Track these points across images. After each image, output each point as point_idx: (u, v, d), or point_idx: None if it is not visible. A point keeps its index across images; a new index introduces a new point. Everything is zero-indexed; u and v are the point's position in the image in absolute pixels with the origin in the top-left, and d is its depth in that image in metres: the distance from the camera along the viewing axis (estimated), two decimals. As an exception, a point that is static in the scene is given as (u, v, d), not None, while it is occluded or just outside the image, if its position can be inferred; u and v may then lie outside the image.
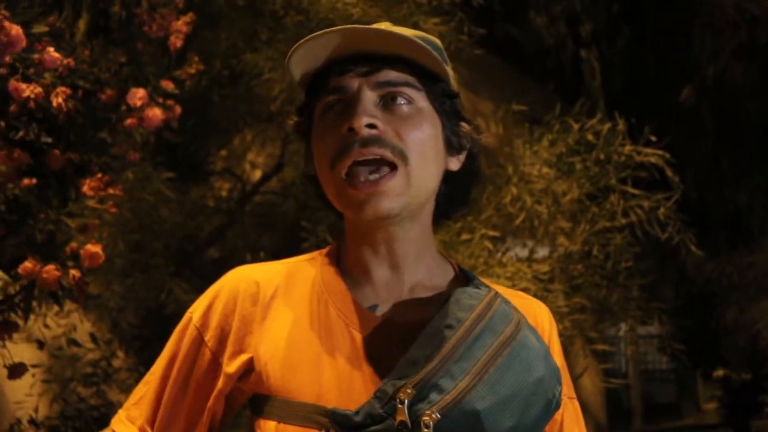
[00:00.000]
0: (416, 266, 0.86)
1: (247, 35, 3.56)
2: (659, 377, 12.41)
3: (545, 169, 3.39)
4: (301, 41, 0.79)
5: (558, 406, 0.81)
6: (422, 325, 0.79)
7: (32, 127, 1.49)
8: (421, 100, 0.83)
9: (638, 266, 3.34)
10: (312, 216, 3.50)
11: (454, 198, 0.89)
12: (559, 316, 2.88)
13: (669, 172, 2.96)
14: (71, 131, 1.78)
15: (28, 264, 1.43)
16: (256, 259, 3.94)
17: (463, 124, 0.88)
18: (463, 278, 0.89)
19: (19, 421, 3.31)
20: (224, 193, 4.51)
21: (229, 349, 0.84)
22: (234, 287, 0.86)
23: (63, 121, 1.69)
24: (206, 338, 0.85)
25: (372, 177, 0.79)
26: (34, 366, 3.43)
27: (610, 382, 3.56)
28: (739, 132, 6.30)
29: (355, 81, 0.81)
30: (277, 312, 0.84)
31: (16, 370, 1.70)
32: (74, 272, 1.46)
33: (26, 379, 3.50)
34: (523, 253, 3.45)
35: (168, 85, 1.95)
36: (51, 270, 1.41)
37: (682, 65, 6.31)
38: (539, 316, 0.90)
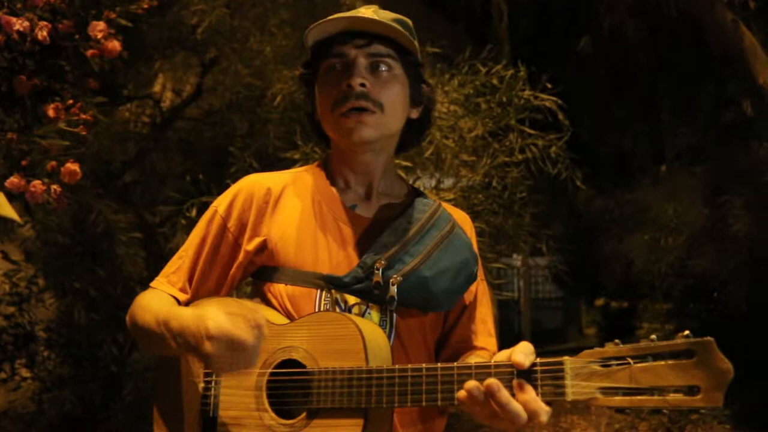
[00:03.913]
0: (382, 181, 1.22)
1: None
2: (548, 305, 13.42)
3: (453, 107, 3.72)
4: (320, 21, 1.14)
5: (475, 278, 1.22)
6: (388, 221, 1.17)
7: (12, 57, 1.66)
8: (397, 68, 1.18)
9: (531, 198, 3.76)
10: (239, 143, 3.71)
11: (411, 137, 1.27)
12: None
13: (561, 116, 3.37)
14: (31, 58, 1.95)
15: (14, 179, 1.64)
16: (177, 182, 4.11)
17: (424, 85, 1.24)
18: (414, 192, 1.28)
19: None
20: (146, 119, 4.58)
21: (247, 234, 1.17)
22: (250, 188, 1.19)
23: (27, 49, 1.86)
24: (229, 225, 1.18)
25: (359, 114, 1.13)
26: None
27: (502, 295, 4.02)
28: (628, 82, 6.85)
29: (353, 50, 1.15)
30: (284, 207, 1.18)
31: None
32: (55, 187, 1.68)
33: None
34: (431, 183, 3.81)
35: (122, 21, 2.12)
36: (38, 185, 1.63)
37: (582, 16, 6.74)
38: (466, 223, 1.29)
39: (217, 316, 0.95)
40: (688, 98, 6.86)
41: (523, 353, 0.91)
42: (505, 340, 1.09)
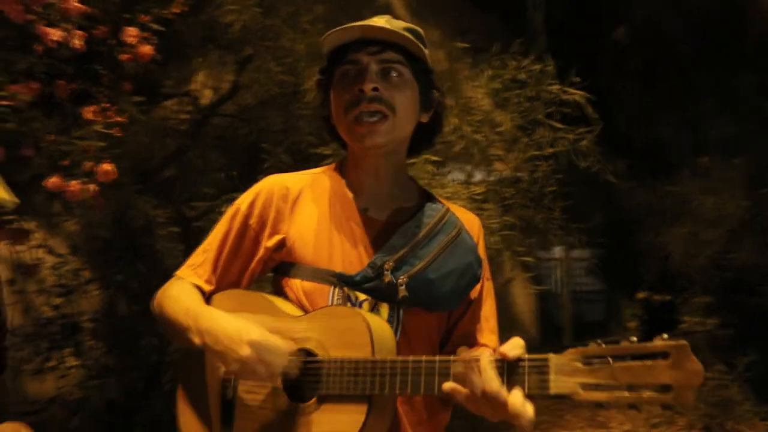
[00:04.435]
0: (394, 185, 1.29)
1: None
2: (589, 298, 13.28)
3: (484, 101, 3.74)
4: (336, 29, 1.21)
5: (478, 280, 1.28)
6: (399, 225, 1.24)
7: (54, 63, 1.76)
8: (407, 74, 1.23)
9: (562, 191, 3.77)
10: (272, 139, 3.79)
11: (423, 141, 1.33)
12: (489, 231, 3.30)
13: (590, 110, 3.36)
14: (69, 64, 2.05)
15: (55, 179, 1.74)
16: (214, 178, 4.22)
17: (434, 91, 1.30)
18: (425, 195, 1.34)
19: (-8, 332, 3.62)
20: (184, 116, 4.69)
21: (267, 231, 1.26)
22: (271, 189, 1.27)
23: (65, 56, 1.96)
24: (251, 222, 1.27)
25: (371, 119, 1.19)
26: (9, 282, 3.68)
27: (537, 289, 4.04)
28: (666, 72, 6.74)
29: (366, 57, 1.22)
30: (302, 208, 1.26)
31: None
32: (92, 186, 1.78)
33: None
34: (462, 176, 3.84)
35: (154, 25, 2.21)
36: (75, 184, 1.73)
37: (617, 6, 6.66)
38: (474, 225, 1.35)
39: (259, 329, 1.09)
40: (727, 87, 6.73)
41: (510, 346, 0.98)
42: (546, 334, 1.14)
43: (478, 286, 1.29)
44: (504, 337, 1.09)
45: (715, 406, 5.10)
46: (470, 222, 1.33)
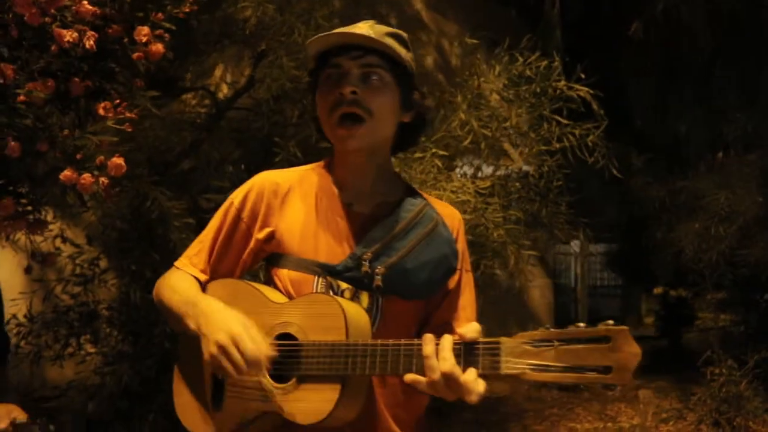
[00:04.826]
0: (378, 181, 1.37)
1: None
2: (606, 293, 13.25)
3: (493, 97, 3.80)
4: (320, 35, 1.30)
5: (454, 271, 1.36)
6: (379, 218, 1.33)
7: (68, 62, 1.86)
8: (388, 77, 1.31)
9: (569, 186, 3.82)
10: (283, 132, 3.88)
11: (406, 138, 1.41)
12: (494, 225, 3.37)
13: (595, 106, 3.41)
14: (84, 62, 2.15)
15: (68, 172, 1.84)
16: (228, 171, 4.31)
17: (416, 92, 1.38)
18: (409, 191, 1.42)
19: (14, 316, 3.69)
20: (201, 110, 4.80)
21: (258, 224, 1.35)
22: (262, 185, 1.36)
23: (80, 54, 2.06)
24: (243, 216, 1.36)
25: (350, 123, 1.28)
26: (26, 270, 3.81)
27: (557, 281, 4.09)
28: (682, 67, 6.72)
29: (347, 62, 1.30)
30: (291, 202, 1.35)
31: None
32: (103, 179, 1.88)
33: (20, 279, 3.85)
34: (470, 170, 3.91)
35: (165, 24, 2.30)
36: (87, 178, 1.83)
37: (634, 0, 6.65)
38: (454, 219, 1.43)
39: (240, 323, 1.18)
40: (747, 83, 6.69)
41: (466, 329, 1.08)
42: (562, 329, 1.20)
43: (456, 277, 1.36)
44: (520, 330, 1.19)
45: (725, 402, 5.10)
46: (450, 216, 1.41)
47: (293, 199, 1.35)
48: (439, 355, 1.07)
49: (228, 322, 1.18)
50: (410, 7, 7.11)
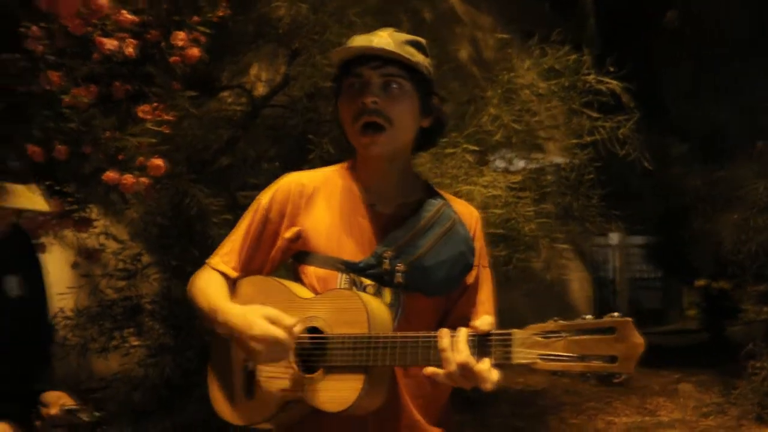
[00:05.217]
0: (399, 183, 1.44)
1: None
2: (647, 285, 13.05)
3: (524, 91, 3.81)
4: (344, 46, 1.38)
5: (471, 268, 1.42)
6: (401, 219, 1.40)
7: (111, 68, 1.96)
8: (407, 85, 1.38)
9: (600, 179, 3.82)
10: (318, 130, 3.95)
11: (426, 141, 1.47)
12: (525, 219, 3.40)
13: (625, 98, 3.41)
14: (125, 66, 2.25)
15: (110, 173, 1.95)
16: (264, 168, 4.38)
17: (435, 97, 1.44)
18: (428, 191, 1.48)
19: (62, 310, 3.84)
20: (237, 108, 4.89)
21: (285, 223, 1.42)
22: (288, 185, 1.44)
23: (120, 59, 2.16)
24: (270, 215, 1.43)
25: (372, 132, 1.34)
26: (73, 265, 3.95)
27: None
28: (718, 55, 6.60)
29: (368, 71, 1.36)
30: (316, 203, 1.42)
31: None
32: (144, 179, 1.97)
33: (67, 274, 3.98)
34: (502, 164, 3.93)
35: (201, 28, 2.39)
36: (129, 178, 1.93)
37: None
38: (471, 217, 1.49)
39: (260, 320, 1.26)
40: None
41: (480, 322, 1.16)
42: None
43: (473, 273, 1.42)
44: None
45: (767, 396, 5.03)
46: (467, 214, 1.47)
47: (318, 200, 1.41)
48: (455, 347, 1.14)
49: (249, 319, 1.27)
50: (444, 1, 7.12)
